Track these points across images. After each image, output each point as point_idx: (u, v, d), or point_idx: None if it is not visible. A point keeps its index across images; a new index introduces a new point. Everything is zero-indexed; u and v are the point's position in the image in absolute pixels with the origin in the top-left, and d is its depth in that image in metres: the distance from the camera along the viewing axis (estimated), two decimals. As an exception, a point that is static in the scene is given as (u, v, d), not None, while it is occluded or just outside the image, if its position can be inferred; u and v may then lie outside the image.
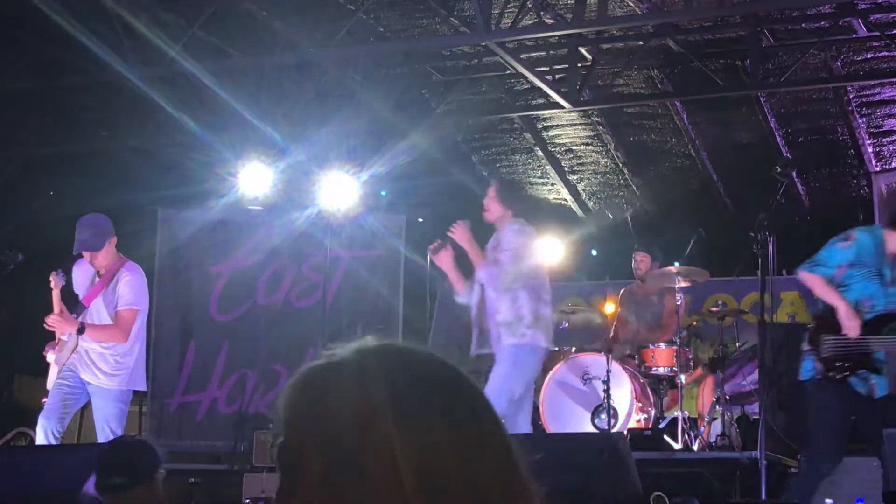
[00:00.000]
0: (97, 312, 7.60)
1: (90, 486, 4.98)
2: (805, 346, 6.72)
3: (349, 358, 1.40)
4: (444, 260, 8.11)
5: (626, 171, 13.48)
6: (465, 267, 8.16)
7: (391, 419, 1.32)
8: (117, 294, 7.57)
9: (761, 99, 11.77)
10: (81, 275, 7.79)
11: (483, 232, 8.28)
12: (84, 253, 7.64)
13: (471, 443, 1.35)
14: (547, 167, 13.57)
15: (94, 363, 7.54)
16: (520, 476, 1.39)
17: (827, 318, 6.64)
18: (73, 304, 7.79)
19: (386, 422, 1.32)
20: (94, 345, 7.54)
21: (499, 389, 7.56)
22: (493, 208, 8.09)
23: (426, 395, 1.36)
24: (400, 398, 1.34)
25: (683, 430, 9.02)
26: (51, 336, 7.70)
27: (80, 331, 7.46)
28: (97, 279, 7.66)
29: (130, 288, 7.60)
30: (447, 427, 1.34)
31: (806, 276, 6.68)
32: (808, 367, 6.70)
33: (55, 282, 7.54)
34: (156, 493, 4.87)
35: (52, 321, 7.49)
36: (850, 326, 6.57)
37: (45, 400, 7.63)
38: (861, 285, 6.70)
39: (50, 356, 7.59)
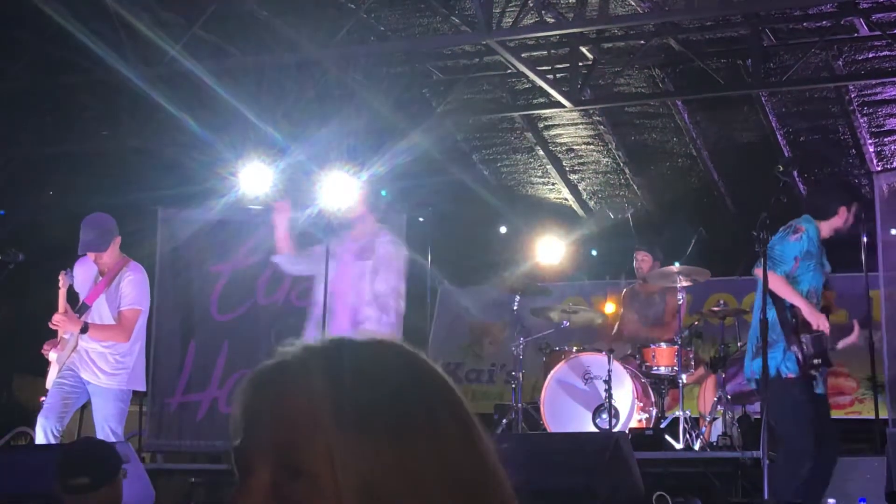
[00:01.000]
0: (99, 312, 7.59)
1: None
2: (788, 345, 6.72)
3: (297, 357, 1.31)
4: (280, 218, 8.08)
5: (627, 170, 13.47)
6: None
7: (333, 426, 1.23)
8: (120, 293, 7.56)
9: (762, 98, 11.75)
10: (83, 274, 7.77)
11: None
12: (89, 253, 7.63)
13: (424, 456, 1.24)
14: (548, 166, 13.56)
15: (94, 362, 7.52)
16: (487, 493, 1.28)
17: (800, 315, 6.69)
18: (75, 302, 7.78)
19: (328, 428, 1.23)
20: (94, 344, 7.52)
21: None
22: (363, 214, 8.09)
23: (373, 399, 1.25)
24: (342, 403, 1.25)
25: (685, 430, 9.01)
26: (51, 334, 7.69)
27: (84, 330, 7.44)
28: (100, 278, 7.65)
29: (133, 287, 7.59)
30: (394, 437, 1.23)
31: (772, 277, 6.70)
32: (791, 366, 6.70)
33: (63, 281, 7.53)
34: (117, 493, 4.86)
35: (58, 320, 7.47)
36: (821, 323, 6.63)
37: (43, 399, 7.61)
38: (810, 276, 6.77)
39: (52, 355, 7.57)
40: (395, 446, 1.23)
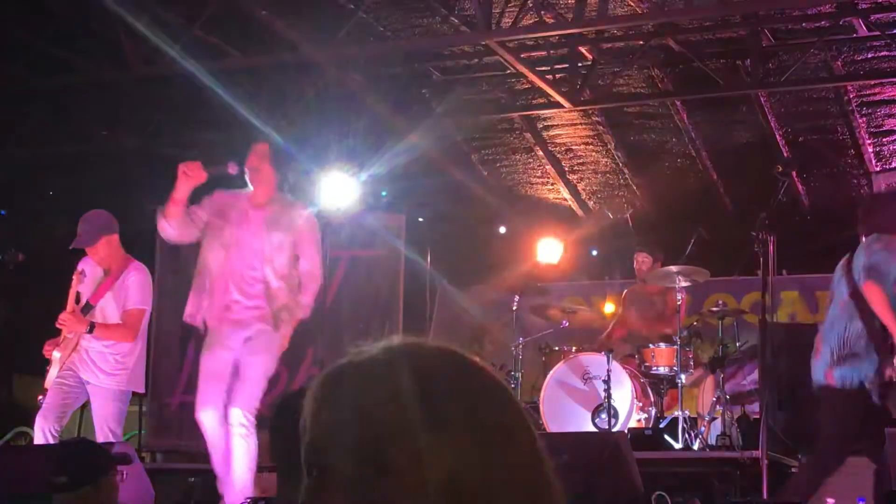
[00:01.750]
0: (104, 311, 7.58)
1: None
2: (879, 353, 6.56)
3: (378, 357, 1.36)
4: (187, 182, 6.87)
5: (626, 170, 13.47)
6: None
7: (422, 424, 1.28)
8: (125, 293, 7.56)
9: (761, 98, 11.76)
10: (88, 272, 7.76)
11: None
12: (86, 249, 7.63)
13: (500, 451, 1.31)
14: (547, 167, 13.56)
15: (94, 362, 7.52)
16: (548, 487, 1.36)
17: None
18: (76, 301, 7.78)
19: (416, 426, 1.28)
20: (95, 344, 7.51)
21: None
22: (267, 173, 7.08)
23: (458, 399, 1.31)
24: (431, 402, 1.30)
25: (684, 430, 9.02)
26: (53, 334, 7.67)
27: (91, 330, 7.44)
28: (104, 278, 7.64)
29: (138, 287, 7.59)
30: (477, 434, 1.30)
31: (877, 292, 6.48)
32: (870, 373, 6.57)
33: (77, 280, 7.53)
34: (103, 495, 4.86)
35: (65, 319, 7.45)
36: None
37: (41, 398, 7.60)
38: None
39: (54, 354, 7.55)
40: (477, 445, 1.29)
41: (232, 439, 6.86)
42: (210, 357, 7.01)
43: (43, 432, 7.37)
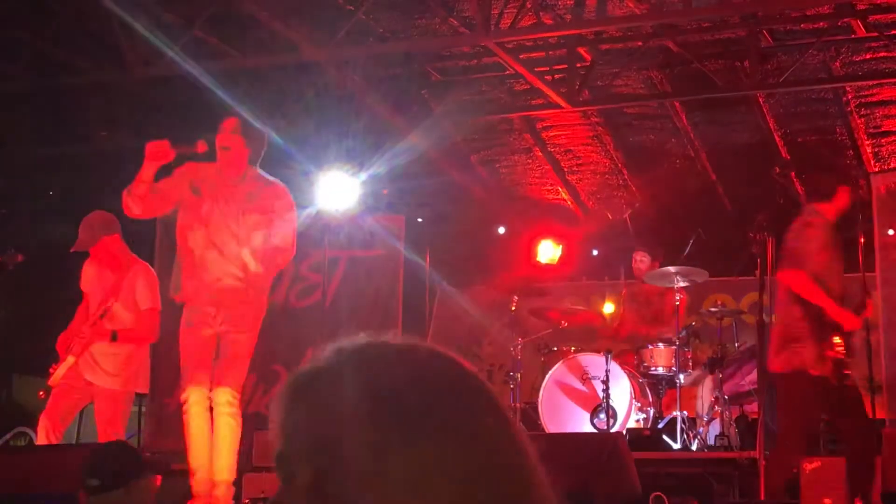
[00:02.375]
0: (115, 313, 7.58)
1: None
2: (831, 345, 6.60)
3: (329, 362, 1.33)
4: (154, 162, 6.71)
5: (625, 171, 13.49)
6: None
7: (373, 426, 1.24)
8: (135, 295, 7.57)
9: (760, 99, 11.78)
10: (92, 274, 7.78)
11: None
12: (89, 251, 7.65)
13: (464, 452, 1.25)
14: (546, 167, 13.58)
15: (99, 363, 7.53)
16: (528, 489, 1.28)
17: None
18: (78, 300, 7.80)
19: (369, 428, 1.24)
20: (101, 345, 7.52)
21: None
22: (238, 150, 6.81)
23: (412, 398, 1.26)
24: (381, 404, 1.26)
25: (682, 430, 9.03)
26: (53, 335, 7.69)
27: (114, 339, 7.47)
28: (110, 279, 7.65)
29: (148, 287, 7.61)
30: (435, 434, 1.24)
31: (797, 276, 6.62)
32: (811, 356, 6.62)
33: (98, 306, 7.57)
34: (135, 499, 4.88)
35: (87, 334, 7.47)
36: (852, 321, 6.57)
37: (42, 394, 7.61)
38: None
39: (69, 358, 7.53)
40: (437, 443, 1.24)
41: (218, 419, 6.66)
42: (191, 334, 6.75)
43: (46, 432, 7.38)
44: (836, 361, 6.52)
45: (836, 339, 6.53)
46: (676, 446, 8.97)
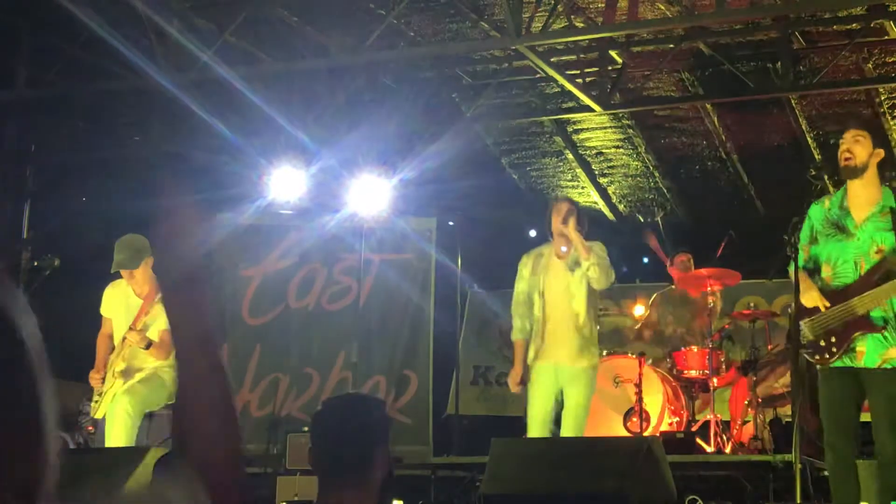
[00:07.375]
0: (145, 330, 7.69)
1: None
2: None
3: None
4: None
5: (656, 173, 13.46)
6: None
7: None
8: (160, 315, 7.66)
9: (792, 101, 11.73)
10: (116, 296, 7.88)
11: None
12: (122, 272, 7.72)
13: None
14: (577, 170, 13.57)
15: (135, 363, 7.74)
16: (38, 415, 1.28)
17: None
18: (98, 324, 7.91)
19: None
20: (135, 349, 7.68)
21: None
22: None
23: None
24: None
25: (716, 434, 9.01)
26: (85, 338, 7.77)
27: (147, 346, 7.58)
28: (137, 301, 7.74)
29: None
30: None
31: None
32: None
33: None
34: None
35: (132, 337, 7.65)
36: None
37: (91, 429, 7.75)
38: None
39: (117, 383, 7.68)
40: None
41: None
42: None
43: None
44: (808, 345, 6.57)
45: None
46: (710, 449, 8.95)
